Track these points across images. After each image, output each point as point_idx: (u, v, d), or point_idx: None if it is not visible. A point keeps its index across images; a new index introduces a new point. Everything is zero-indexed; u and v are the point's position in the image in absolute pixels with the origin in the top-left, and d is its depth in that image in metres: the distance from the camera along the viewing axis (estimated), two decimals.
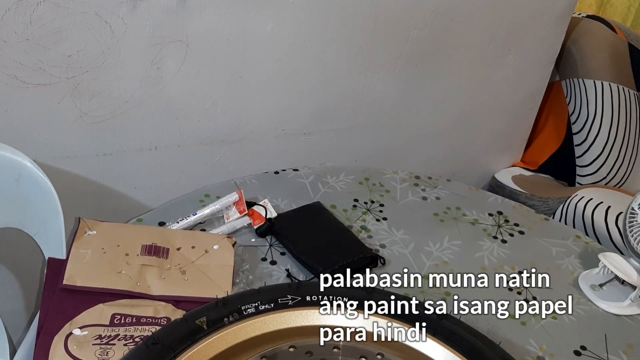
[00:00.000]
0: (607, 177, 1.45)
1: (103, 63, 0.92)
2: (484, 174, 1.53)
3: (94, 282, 0.73)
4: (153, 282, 0.75)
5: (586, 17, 1.49)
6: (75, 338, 0.66)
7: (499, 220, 1.00)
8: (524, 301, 0.84)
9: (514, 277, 0.41)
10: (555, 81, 1.50)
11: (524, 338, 0.40)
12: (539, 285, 0.43)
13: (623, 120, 1.44)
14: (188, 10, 0.93)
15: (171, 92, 1.00)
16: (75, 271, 0.73)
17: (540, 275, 0.44)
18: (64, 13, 0.85)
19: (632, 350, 0.78)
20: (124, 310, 0.70)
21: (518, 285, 0.42)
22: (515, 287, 0.81)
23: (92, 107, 0.95)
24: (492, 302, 0.42)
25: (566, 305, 0.43)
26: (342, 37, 1.10)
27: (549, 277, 0.44)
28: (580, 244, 0.97)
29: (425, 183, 1.07)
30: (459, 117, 1.36)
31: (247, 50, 1.03)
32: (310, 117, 1.17)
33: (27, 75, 0.88)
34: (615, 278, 0.86)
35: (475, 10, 1.20)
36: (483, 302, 0.41)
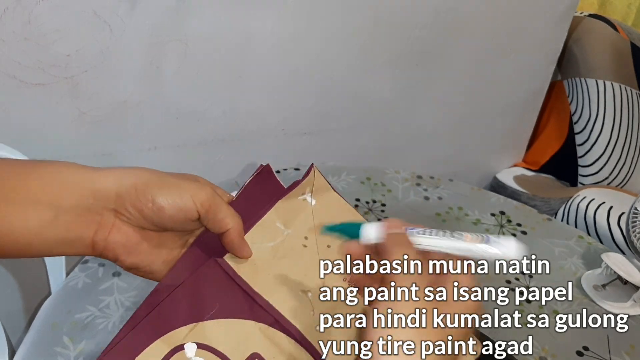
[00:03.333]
0: (609, 177, 1.44)
1: (102, 62, 0.91)
2: (486, 174, 1.52)
3: (261, 288, 0.46)
4: (338, 333, 0.41)
5: (588, 16, 1.48)
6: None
7: (501, 220, 0.99)
8: (525, 288, 0.83)
9: (514, 263, 0.40)
10: (557, 80, 1.49)
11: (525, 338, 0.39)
12: (539, 272, 0.43)
13: (625, 119, 1.44)
14: (187, 10, 0.93)
15: (171, 91, 0.99)
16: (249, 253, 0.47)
17: (540, 262, 0.43)
18: (62, 12, 0.85)
19: (635, 350, 0.77)
20: (274, 356, 0.44)
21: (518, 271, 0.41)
22: (515, 274, 0.80)
23: (91, 106, 0.95)
24: (492, 289, 0.42)
25: (566, 292, 0.42)
26: (342, 37, 1.09)
27: (549, 263, 0.44)
28: (582, 244, 0.96)
29: (427, 183, 1.07)
30: (460, 116, 1.35)
31: (247, 50, 1.02)
32: (311, 117, 1.16)
33: (25, 75, 0.88)
34: (618, 278, 0.86)
35: (477, 9, 1.19)
36: (483, 288, 0.40)
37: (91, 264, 0.83)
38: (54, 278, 0.87)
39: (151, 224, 0.45)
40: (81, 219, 0.43)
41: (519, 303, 0.80)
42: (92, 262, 0.83)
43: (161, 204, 0.43)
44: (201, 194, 0.44)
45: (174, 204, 0.43)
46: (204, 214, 0.44)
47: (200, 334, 0.43)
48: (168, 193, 0.44)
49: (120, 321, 0.74)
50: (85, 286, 0.79)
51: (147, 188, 0.43)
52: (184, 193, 0.44)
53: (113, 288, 0.79)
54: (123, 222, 0.45)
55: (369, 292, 0.40)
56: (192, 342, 0.43)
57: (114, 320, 0.74)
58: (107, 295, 0.78)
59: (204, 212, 0.44)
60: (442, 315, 0.37)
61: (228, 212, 0.46)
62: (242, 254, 0.47)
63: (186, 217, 0.44)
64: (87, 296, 0.77)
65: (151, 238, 0.46)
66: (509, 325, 0.40)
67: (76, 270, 0.82)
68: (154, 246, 0.47)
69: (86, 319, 0.74)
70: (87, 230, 0.44)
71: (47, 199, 0.43)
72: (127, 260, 0.46)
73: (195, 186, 0.45)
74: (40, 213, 0.42)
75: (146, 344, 0.42)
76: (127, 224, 0.45)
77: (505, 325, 0.40)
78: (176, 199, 0.44)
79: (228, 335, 0.44)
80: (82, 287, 0.79)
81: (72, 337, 0.71)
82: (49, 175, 0.44)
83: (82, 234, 0.44)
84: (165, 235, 0.47)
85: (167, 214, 0.44)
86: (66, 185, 0.43)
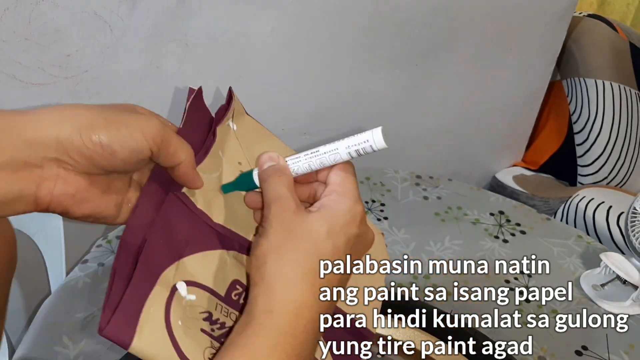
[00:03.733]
0: (608, 177, 1.45)
1: (102, 62, 0.92)
2: (485, 174, 1.52)
3: (218, 217, 0.46)
4: None
5: (587, 16, 1.48)
6: (181, 303, 0.40)
7: (500, 220, 0.99)
8: (524, 288, 0.84)
9: (514, 263, 0.40)
10: (556, 81, 1.49)
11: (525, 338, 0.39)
12: (539, 272, 0.43)
13: (625, 119, 1.44)
14: (188, 10, 0.93)
15: (170, 91, 1.00)
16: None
17: (540, 262, 0.44)
18: (63, 12, 0.85)
19: (634, 350, 0.77)
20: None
21: (518, 271, 0.42)
22: (515, 274, 0.81)
23: None
24: (492, 289, 0.42)
25: (566, 292, 0.43)
26: (342, 37, 1.09)
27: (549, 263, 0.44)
28: (581, 244, 0.96)
29: (426, 182, 1.07)
30: (460, 116, 1.35)
31: (247, 50, 1.02)
32: (310, 117, 1.16)
33: (26, 75, 0.88)
34: (617, 278, 0.86)
35: (476, 9, 1.19)
36: (483, 288, 0.41)
37: (90, 264, 0.83)
38: (53, 278, 0.87)
39: (100, 169, 0.40)
40: (19, 175, 0.38)
41: (518, 303, 0.80)
42: (91, 262, 0.83)
43: (113, 147, 0.39)
44: (151, 128, 0.40)
45: (126, 145, 0.39)
46: (157, 151, 0.41)
47: (184, 272, 0.41)
48: (117, 134, 0.39)
49: None
50: (85, 286, 0.79)
51: (92, 131, 0.38)
52: (134, 131, 0.39)
53: None
54: (68, 171, 0.40)
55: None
56: (181, 280, 0.41)
57: None
58: None
59: (156, 149, 0.41)
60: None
61: (179, 145, 0.42)
62: (195, 184, 0.44)
63: (139, 158, 0.40)
64: (86, 296, 0.77)
65: (99, 183, 0.42)
66: (509, 325, 0.40)
67: (76, 270, 0.82)
68: (103, 191, 0.43)
69: (86, 319, 0.74)
70: (27, 186, 0.38)
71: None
72: (77, 212, 0.41)
73: (144, 120, 0.40)
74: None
75: (147, 292, 0.38)
76: (73, 172, 0.40)
77: (506, 325, 0.40)
78: (128, 140, 0.39)
79: (206, 268, 0.43)
80: (82, 286, 0.79)
81: (71, 337, 0.71)
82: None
83: (23, 192, 0.38)
84: (112, 177, 0.43)
85: (120, 157, 0.39)
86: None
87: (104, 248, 0.86)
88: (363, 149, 0.42)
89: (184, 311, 0.39)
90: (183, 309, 0.39)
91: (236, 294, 0.44)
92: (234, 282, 0.44)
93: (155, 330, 0.37)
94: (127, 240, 0.40)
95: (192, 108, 0.47)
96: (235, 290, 0.44)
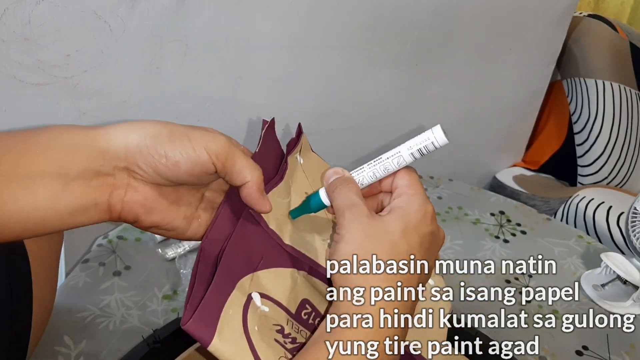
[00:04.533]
0: (608, 177, 1.45)
1: (102, 63, 0.91)
2: (485, 174, 1.52)
3: (289, 240, 0.47)
4: None
5: (587, 16, 1.48)
6: (256, 311, 0.41)
7: (501, 220, 0.99)
8: (524, 287, 0.84)
9: (521, 263, 0.41)
10: (556, 81, 1.49)
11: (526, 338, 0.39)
12: (545, 272, 0.43)
13: (625, 119, 1.44)
14: (187, 10, 0.93)
15: (170, 92, 0.99)
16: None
17: (547, 262, 0.44)
18: (62, 12, 0.85)
19: (634, 350, 0.77)
20: (321, 301, 0.46)
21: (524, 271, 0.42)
22: (520, 274, 0.81)
23: (91, 107, 0.95)
24: (499, 289, 0.42)
25: (572, 292, 0.43)
26: (342, 37, 1.09)
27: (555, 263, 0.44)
28: (582, 244, 0.96)
29: (427, 183, 1.07)
30: (460, 117, 1.35)
31: (247, 50, 1.02)
32: (310, 117, 1.16)
33: (25, 75, 0.88)
34: (618, 278, 0.86)
35: (476, 9, 1.19)
36: (490, 288, 0.41)
37: (91, 264, 0.83)
38: None
39: (166, 180, 0.42)
40: (93, 183, 0.41)
41: (524, 303, 0.80)
42: (92, 262, 0.83)
43: (175, 158, 0.41)
44: (215, 144, 0.42)
45: (188, 157, 0.41)
46: (221, 166, 0.42)
47: (258, 284, 0.42)
48: (181, 146, 0.41)
49: (121, 321, 0.74)
50: (86, 285, 0.79)
51: (157, 143, 0.41)
52: (197, 145, 0.41)
53: (113, 287, 0.79)
54: (137, 180, 0.42)
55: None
56: (255, 291, 0.42)
57: (114, 320, 0.74)
58: (107, 294, 0.78)
59: (220, 165, 0.42)
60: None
61: (246, 164, 0.44)
62: (261, 208, 0.44)
63: (202, 171, 0.42)
64: (87, 295, 0.77)
65: (168, 194, 0.44)
66: (515, 325, 0.40)
67: (76, 269, 0.82)
68: (172, 202, 0.45)
69: (87, 319, 0.74)
70: (101, 194, 0.41)
71: (53, 168, 0.39)
72: (147, 220, 0.43)
73: (209, 137, 0.42)
74: (48, 185, 0.39)
75: (226, 295, 0.39)
76: (142, 182, 0.42)
77: (512, 326, 0.40)
78: (190, 153, 0.41)
79: (278, 284, 0.44)
80: (83, 286, 0.79)
81: (72, 337, 0.71)
82: (49, 142, 0.40)
83: (97, 199, 0.41)
84: (181, 190, 0.45)
85: (183, 169, 0.41)
86: (70, 150, 0.40)
87: (104, 247, 0.86)
88: (425, 147, 0.43)
89: (259, 319, 0.40)
90: (258, 317, 0.41)
91: (306, 313, 0.45)
92: (304, 302, 0.45)
93: (234, 331, 0.38)
94: (206, 249, 0.42)
95: (266, 137, 0.50)
96: (305, 309, 0.45)
